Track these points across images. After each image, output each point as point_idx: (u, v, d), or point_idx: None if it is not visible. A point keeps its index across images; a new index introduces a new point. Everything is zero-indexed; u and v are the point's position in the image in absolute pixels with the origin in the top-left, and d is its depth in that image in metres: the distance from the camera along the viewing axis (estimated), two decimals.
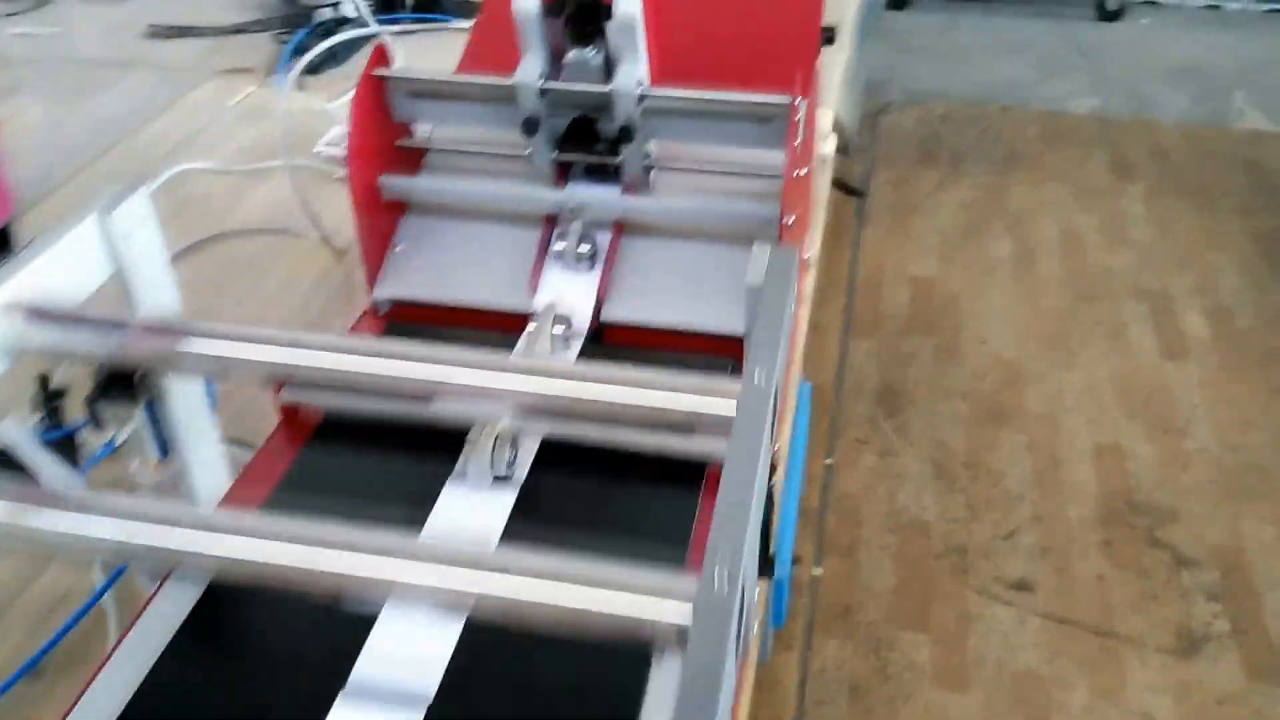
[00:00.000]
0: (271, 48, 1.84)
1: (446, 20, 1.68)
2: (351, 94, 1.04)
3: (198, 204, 1.96)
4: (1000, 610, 1.43)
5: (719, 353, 1.03)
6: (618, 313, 1.07)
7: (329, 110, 1.78)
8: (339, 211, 1.41)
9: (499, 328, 1.04)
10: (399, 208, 1.15)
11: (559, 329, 1.02)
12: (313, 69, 1.64)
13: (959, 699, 1.32)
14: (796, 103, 0.97)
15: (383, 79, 1.09)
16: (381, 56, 1.09)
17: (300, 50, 1.69)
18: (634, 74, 1.00)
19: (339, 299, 1.72)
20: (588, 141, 1.06)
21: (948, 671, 1.35)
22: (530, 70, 1.02)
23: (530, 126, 1.04)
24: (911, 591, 1.46)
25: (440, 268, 1.11)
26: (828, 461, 1.68)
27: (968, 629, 1.41)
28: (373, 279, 1.11)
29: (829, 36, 1.23)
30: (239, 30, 1.95)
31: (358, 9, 1.66)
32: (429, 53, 1.67)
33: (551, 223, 1.11)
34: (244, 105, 2.01)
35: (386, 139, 1.13)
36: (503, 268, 1.09)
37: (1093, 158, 2.53)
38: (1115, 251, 2.19)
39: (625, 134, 1.03)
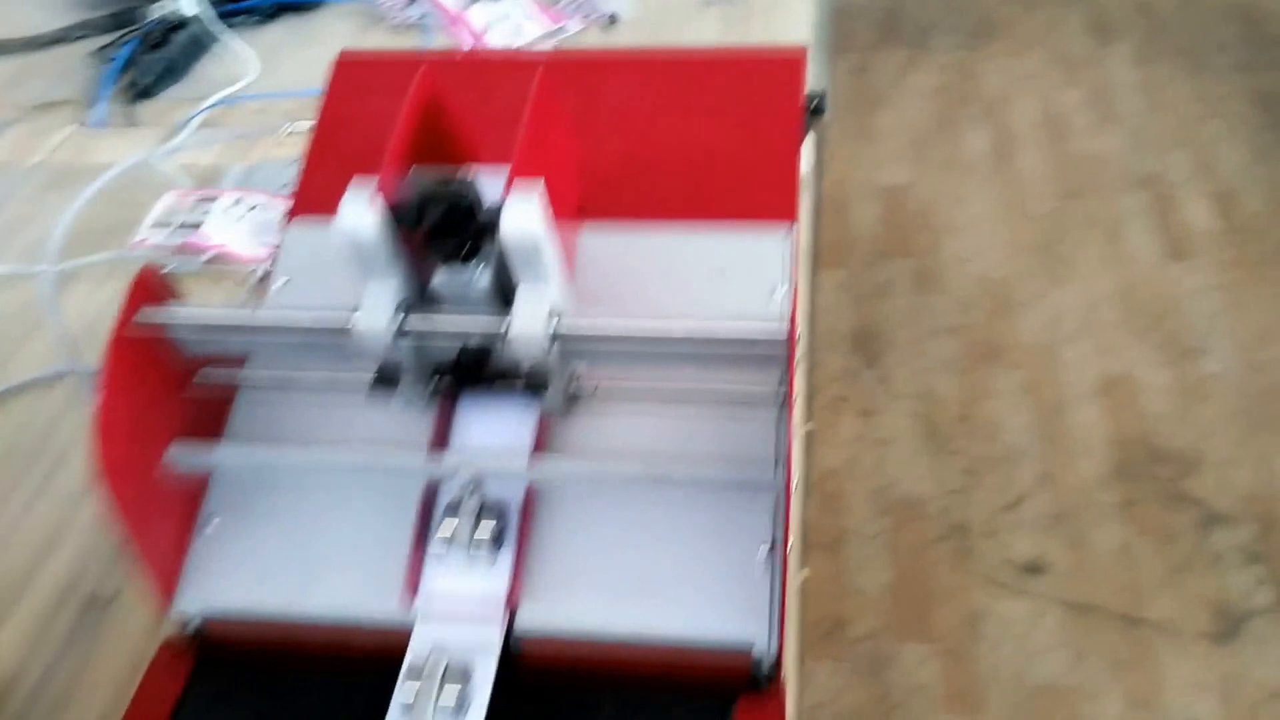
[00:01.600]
0: (93, 67, 1.36)
1: (317, 1, 1.31)
2: (192, 124, 0.75)
3: None
4: (1012, 603, 1.24)
5: (711, 677, 0.68)
6: (541, 620, 0.71)
7: (156, 164, 1.12)
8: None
9: (365, 650, 0.70)
10: (199, 482, 0.79)
11: (448, 697, 0.65)
12: (144, 92, 1.27)
13: None
14: (791, 330, 0.62)
15: (148, 331, 0.72)
16: (146, 290, 0.72)
17: (128, 66, 1.30)
18: (540, 306, 0.68)
19: None
20: (482, 377, 0.73)
21: (959, 691, 1.17)
22: (377, 311, 0.69)
23: (387, 379, 0.72)
24: (910, 589, 1.26)
25: (272, 559, 0.75)
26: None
27: (977, 631, 1.22)
28: (165, 585, 0.74)
29: (818, 106, 0.89)
30: (56, 41, 1.45)
31: (196, 5, 1.26)
32: (300, 52, 1.27)
33: (434, 486, 0.75)
34: (54, 163, 1.26)
35: (164, 397, 0.76)
36: (364, 558, 0.74)
37: (1071, 18, 2.25)
38: (1104, 132, 1.94)
39: (535, 379, 0.71)
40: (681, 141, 0.85)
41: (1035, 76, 2.09)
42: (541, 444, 0.72)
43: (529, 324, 0.66)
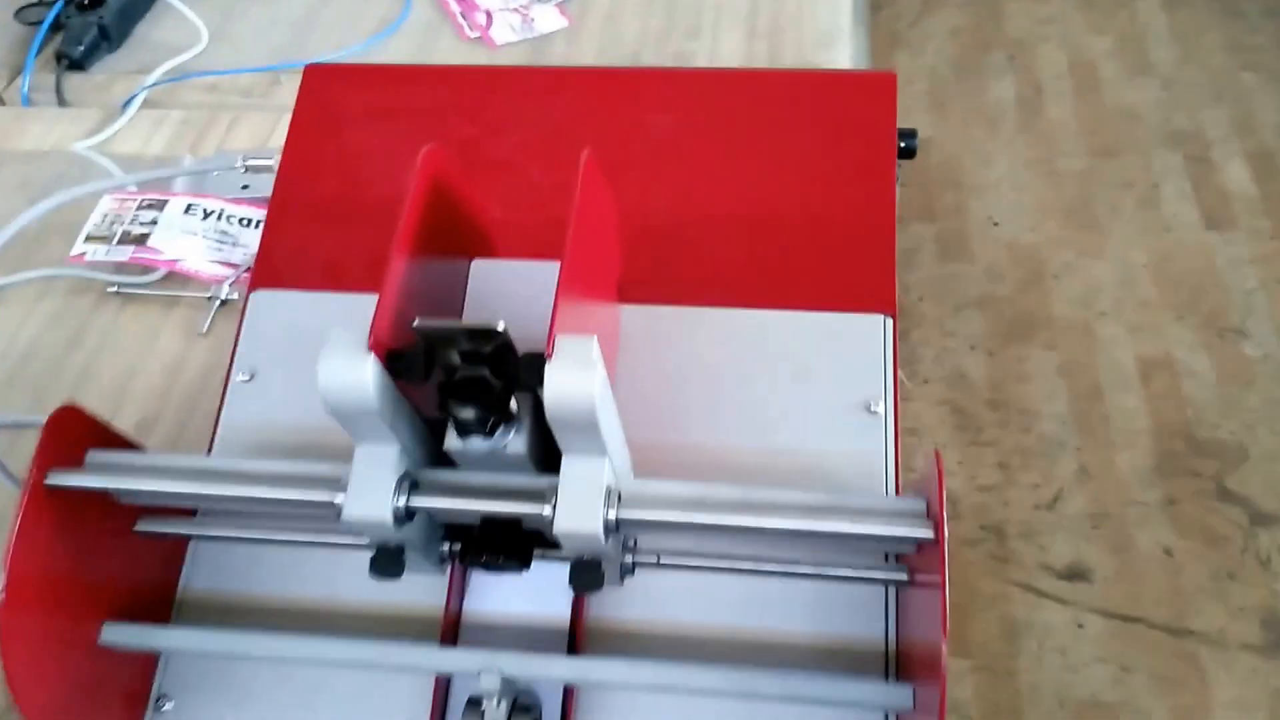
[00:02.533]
0: (13, 31, 1.13)
1: None
2: (133, 105, 0.61)
3: None
4: (1053, 611, 1.18)
5: None
6: None
7: (91, 156, 0.93)
8: (128, 355, 0.78)
9: None
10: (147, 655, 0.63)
11: None
12: (75, 63, 1.07)
13: None
14: (940, 523, 0.46)
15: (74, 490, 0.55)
16: (63, 442, 0.56)
17: (55, 30, 1.09)
18: (595, 487, 0.50)
19: None
20: (507, 555, 0.55)
21: (999, 712, 1.10)
22: (370, 493, 0.51)
23: (388, 566, 0.53)
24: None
25: None
26: None
27: (1016, 646, 1.15)
28: None
29: (909, 149, 0.75)
30: None
31: None
32: (254, 9, 1.09)
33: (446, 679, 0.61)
34: None
35: (98, 545, 0.59)
36: None
37: None
38: (1136, 84, 1.83)
39: (583, 576, 0.52)
40: (745, 202, 0.68)
41: (1060, 20, 1.96)
42: (581, 619, 0.57)
43: (580, 512, 0.49)
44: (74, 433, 0.55)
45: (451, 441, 0.51)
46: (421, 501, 0.51)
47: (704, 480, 0.51)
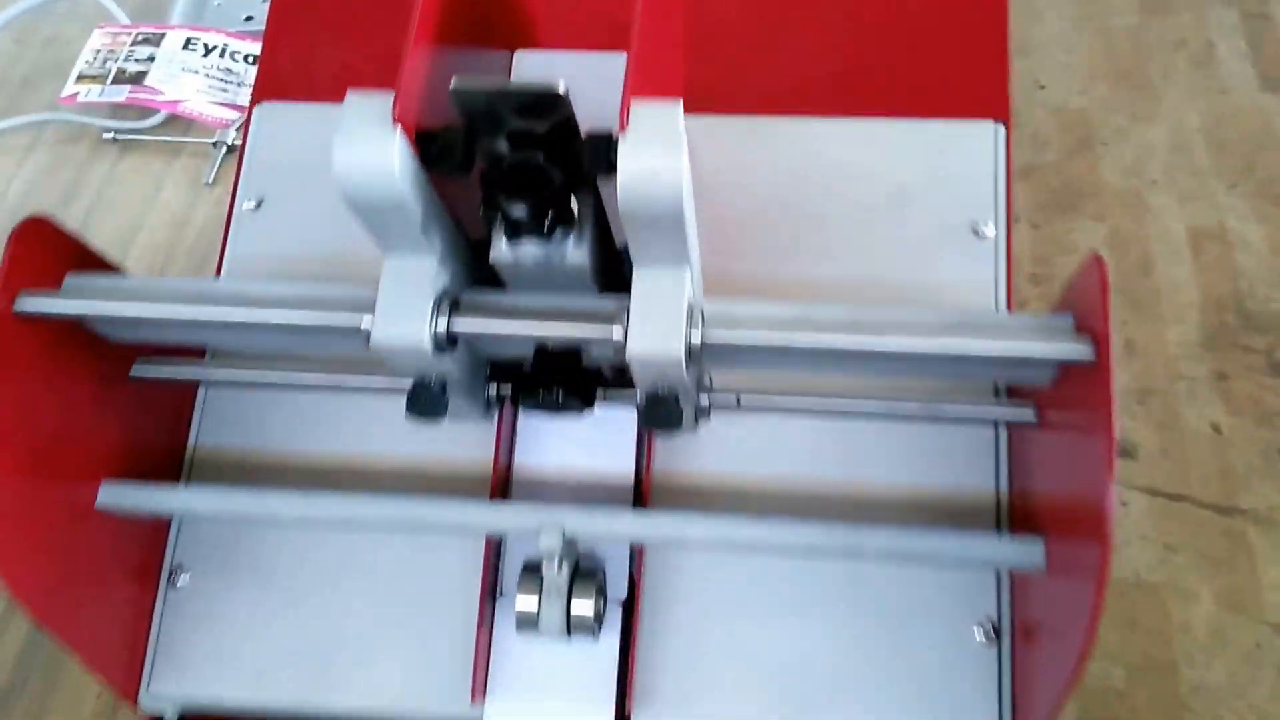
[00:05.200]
0: None
1: None
2: None
3: None
4: None
5: None
6: None
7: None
8: (129, 208, 0.75)
9: None
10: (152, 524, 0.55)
11: None
12: None
13: None
14: (1104, 343, 0.37)
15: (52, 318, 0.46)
16: (31, 257, 0.46)
17: None
18: (674, 305, 0.41)
19: None
20: (566, 392, 0.45)
21: None
22: (403, 314, 0.42)
23: (426, 405, 0.45)
24: None
25: (273, 629, 0.52)
26: None
27: None
28: (127, 672, 0.52)
29: None
30: None
31: None
32: None
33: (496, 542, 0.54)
34: None
35: (88, 391, 0.50)
36: (406, 632, 0.51)
37: None
38: None
39: (658, 414, 0.43)
40: None
41: None
42: (650, 465, 0.50)
43: (658, 333, 0.40)
44: (47, 252, 0.47)
45: (499, 251, 0.42)
46: (465, 325, 0.43)
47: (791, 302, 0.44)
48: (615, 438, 0.52)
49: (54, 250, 0.49)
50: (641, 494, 0.52)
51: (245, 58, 0.75)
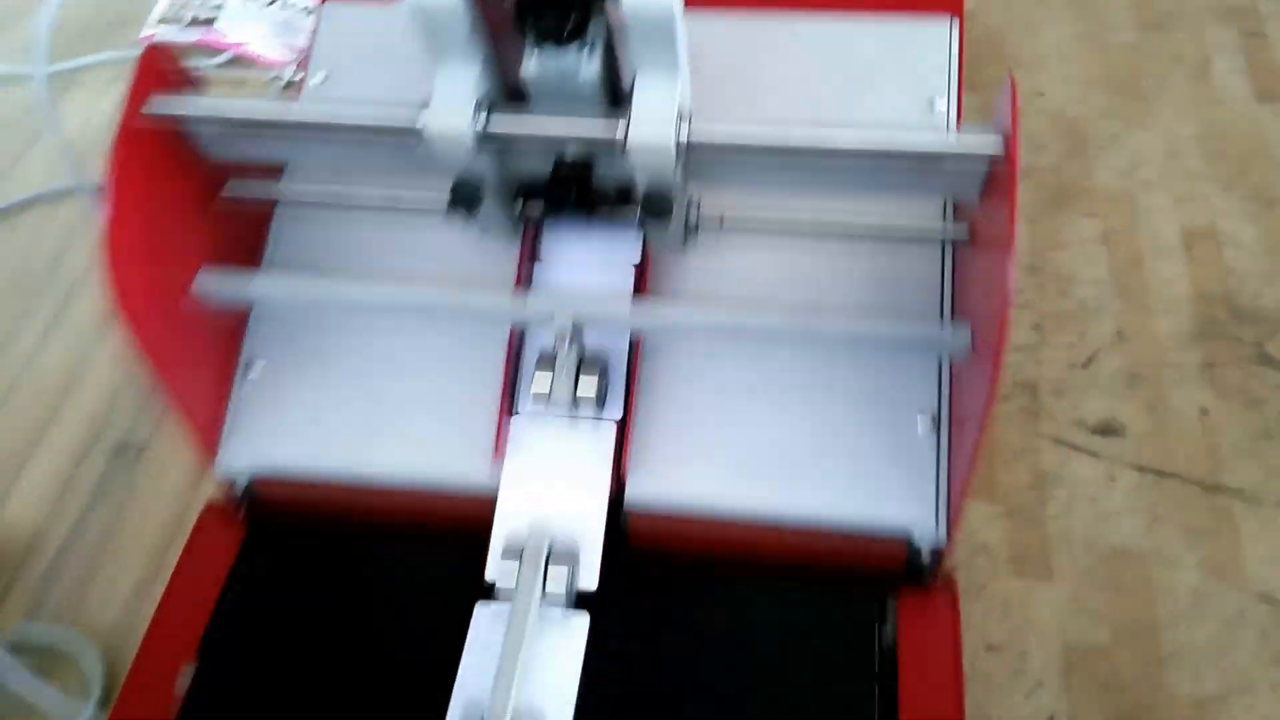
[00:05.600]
0: None
1: None
2: None
3: None
4: (1084, 465, 1.18)
5: (858, 568, 0.59)
6: (654, 495, 0.60)
7: None
8: None
9: (445, 519, 0.60)
10: (235, 316, 0.67)
11: (556, 582, 0.56)
12: None
13: (1043, 590, 1.09)
14: (1012, 145, 0.47)
15: (161, 123, 0.57)
16: (157, 72, 0.56)
17: None
18: (668, 102, 0.51)
19: None
20: (581, 199, 0.57)
21: (1027, 555, 1.11)
22: (453, 107, 0.53)
23: (465, 198, 0.56)
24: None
25: (330, 408, 0.63)
26: None
27: (1046, 494, 1.15)
28: (208, 438, 0.64)
29: None
30: None
31: None
32: None
33: (521, 328, 0.64)
34: None
35: (186, 210, 0.62)
36: (440, 409, 0.62)
37: None
38: None
39: (653, 203, 0.54)
40: None
41: None
42: (646, 285, 0.60)
43: (654, 126, 0.49)
44: (166, 72, 0.57)
45: (528, 68, 0.51)
46: (500, 125, 0.52)
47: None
48: (618, 263, 0.61)
49: (171, 72, 0.59)
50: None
51: (302, 9, 0.83)
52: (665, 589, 0.58)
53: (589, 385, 0.57)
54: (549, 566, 0.55)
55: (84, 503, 0.99)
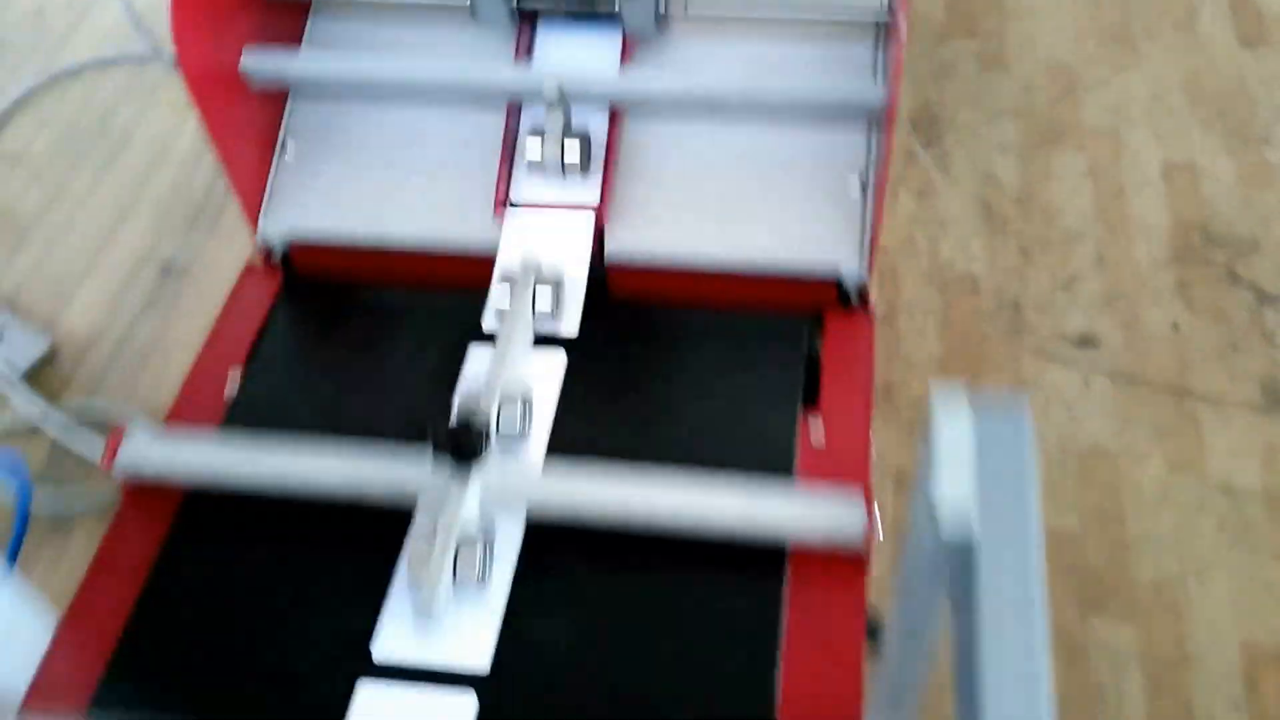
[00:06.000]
0: None
1: None
2: None
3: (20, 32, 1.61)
4: (1061, 373, 1.27)
5: (793, 301, 0.71)
6: (628, 247, 0.73)
7: None
8: None
9: (453, 276, 0.72)
10: (278, 95, 0.79)
11: (544, 301, 0.68)
12: None
13: None
14: None
15: None
16: None
17: None
18: None
19: None
20: None
21: None
22: None
23: None
24: (960, 359, 1.29)
25: (355, 182, 0.76)
26: None
27: (1024, 400, 1.25)
28: (252, 206, 0.76)
29: None
30: None
31: None
32: None
33: (517, 108, 0.76)
34: None
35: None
36: (449, 179, 0.75)
37: None
38: None
39: None
40: None
41: None
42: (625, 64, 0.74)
43: None
44: None
45: None
46: None
47: None
48: (602, 48, 0.73)
49: None
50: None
51: None
52: (635, 331, 0.70)
53: (573, 149, 0.69)
54: (537, 286, 0.68)
55: (135, 311, 1.26)
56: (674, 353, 0.67)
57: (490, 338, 0.66)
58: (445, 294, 0.70)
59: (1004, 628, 0.37)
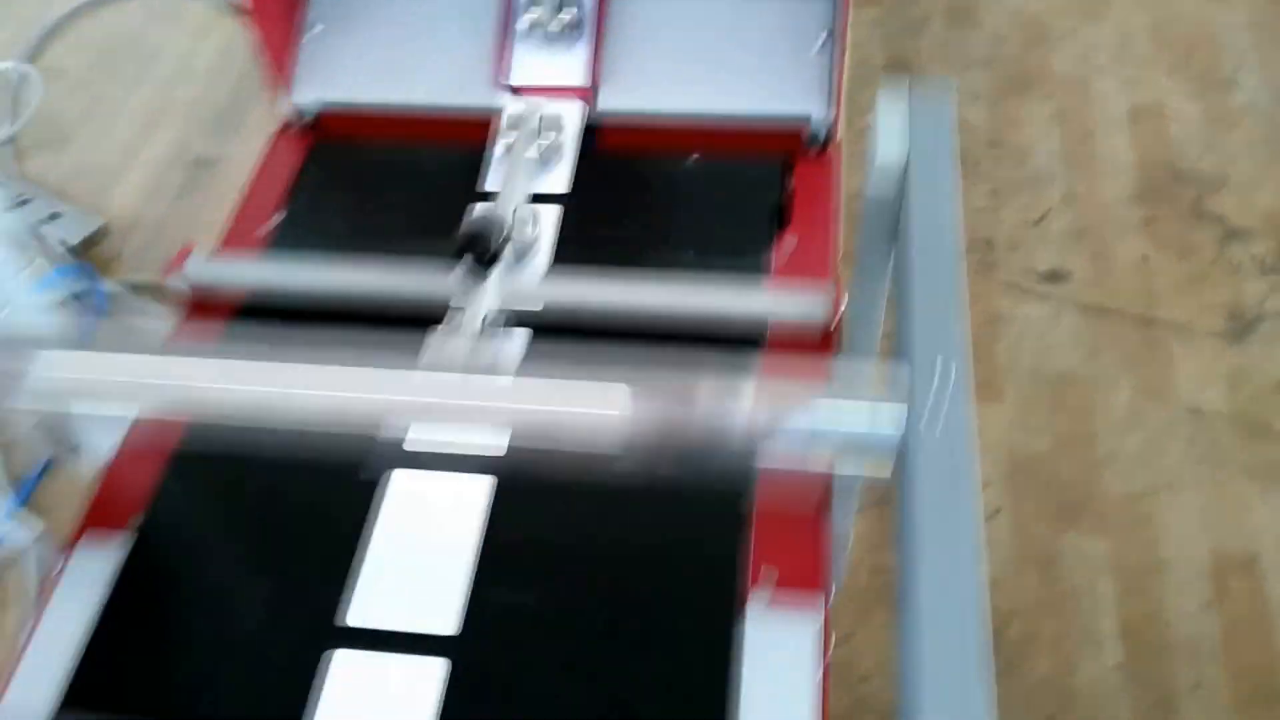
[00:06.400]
0: None
1: None
2: None
3: None
4: (1033, 306, 1.30)
5: (765, 147, 0.79)
6: (618, 102, 0.82)
7: None
8: None
9: (459, 136, 0.81)
10: None
11: (544, 139, 0.78)
12: None
13: (992, 410, 1.21)
14: None
15: None
16: None
17: None
18: None
19: (249, 80, 1.56)
20: None
21: (978, 381, 1.23)
22: None
23: None
24: None
25: (375, 56, 0.86)
26: None
27: (997, 332, 1.28)
28: (284, 77, 0.86)
29: None
30: None
31: None
32: None
33: None
34: None
35: None
36: (456, 49, 0.84)
37: None
38: None
39: None
40: None
41: None
42: None
43: None
44: None
45: None
46: None
47: None
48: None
49: None
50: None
51: None
52: (627, 180, 0.75)
53: (568, 12, 0.77)
54: (541, 132, 0.78)
55: (172, 197, 1.46)
56: (662, 195, 0.75)
57: (490, 196, 0.73)
58: (453, 151, 0.79)
59: (929, 256, 0.53)
